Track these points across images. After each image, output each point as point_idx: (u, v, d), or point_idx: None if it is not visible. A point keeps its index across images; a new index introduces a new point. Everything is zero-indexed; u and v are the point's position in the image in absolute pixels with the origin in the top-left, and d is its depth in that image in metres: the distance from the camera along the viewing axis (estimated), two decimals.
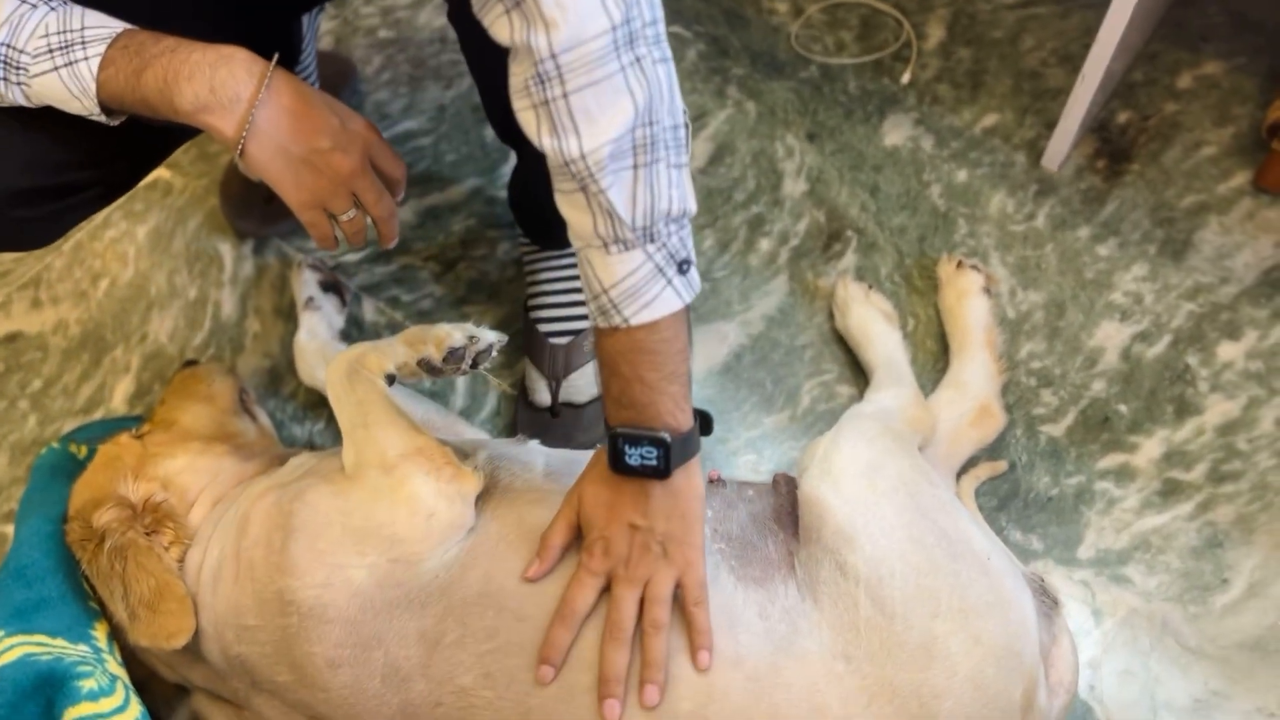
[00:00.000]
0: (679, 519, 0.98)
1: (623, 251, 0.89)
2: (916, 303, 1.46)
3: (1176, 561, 1.27)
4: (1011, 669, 0.99)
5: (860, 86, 1.65)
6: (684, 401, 0.96)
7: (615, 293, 0.91)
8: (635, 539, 0.98)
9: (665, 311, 0.92)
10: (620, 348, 0.94)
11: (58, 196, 1.06)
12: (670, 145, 0.88)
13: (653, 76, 0.84)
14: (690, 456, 0.98)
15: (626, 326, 0.92)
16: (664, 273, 0.91)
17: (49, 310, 1.57)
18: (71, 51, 0.92)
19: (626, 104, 0.83)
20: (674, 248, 0.91)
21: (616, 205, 0.87)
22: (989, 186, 1.54)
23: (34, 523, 1.18)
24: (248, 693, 1.10)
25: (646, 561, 0.97)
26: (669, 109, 0.87)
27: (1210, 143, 1.55)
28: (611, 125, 0.83)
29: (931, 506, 1.06)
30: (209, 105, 0.93)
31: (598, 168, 0.85)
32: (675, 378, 0.95)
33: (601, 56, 0.81)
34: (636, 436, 0.95)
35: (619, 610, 0.97)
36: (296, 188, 0.98)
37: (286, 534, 1.04)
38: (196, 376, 1.32)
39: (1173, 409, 1.36)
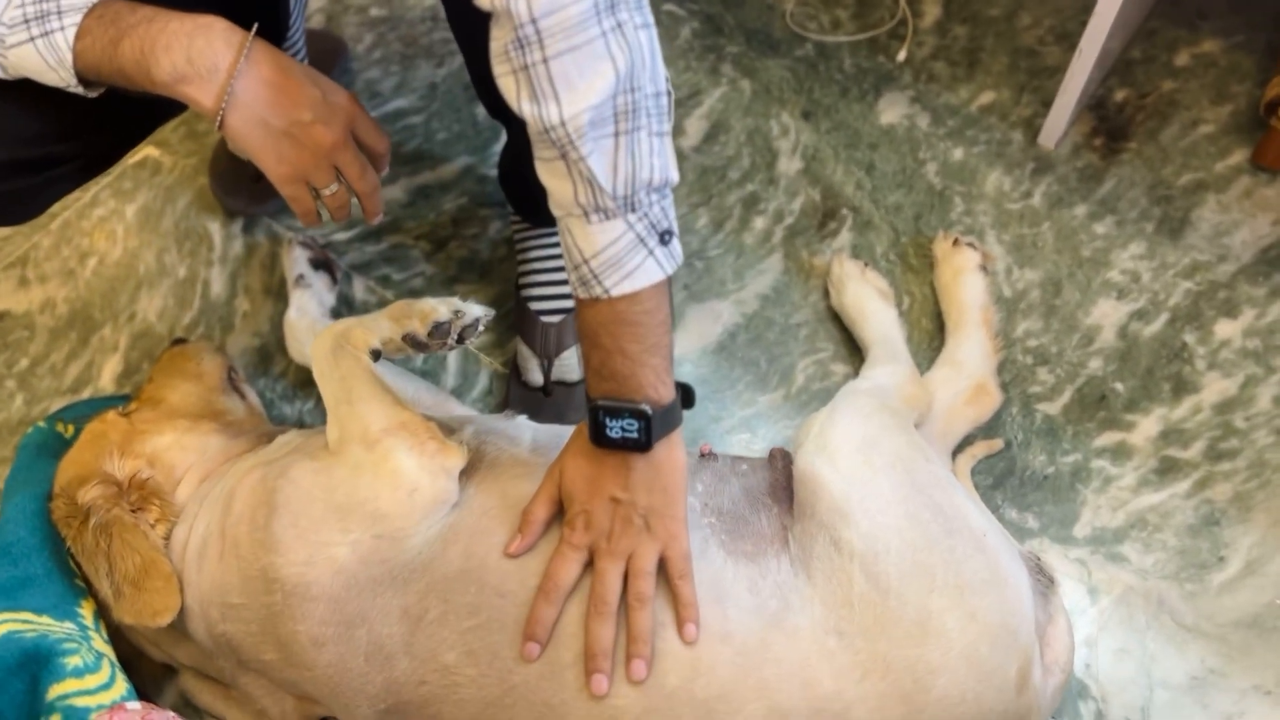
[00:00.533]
0: (661, 492, 0.97)
1: (603, 221, 0.88)
2: (912, 281, 1.45)
3: (1173, 539, 1.26)
4: (1007, 646, 0.99)
5: (856, 64, 1.64)
6: (665, 374, 0.94)
7: (596, 263, 0.89)
8: (617, 512, 0.97)
9: (646, 282, 0.90)
10: (601, 319, 0.92)
11: (36, 170, 1.04)
12: (652, 113, 0.86)
13: (634, 42, 0.83)
14: (672, 429, 0.96)
15: (608, 297, 0.91)
16: (645, 243, 0.90)
17: (36, 289, 1.55)
18: (47, 21, 0.91)
19: (607, 69, 0.81)
20: (655, 218, 0.90)
21: (597, 173, 0.85)
22: (985, 164, 1.53)
23: (19, 500, 1.17)
24: (234, 671, 1.09)
25: (629, 535, 0.96)
26: (651, 75, 0.85)
27: (1208, 120, 1.53)
28: (592, 91, 0.81)
29: (927, 483, 1.05)
30: (186, 75, 0.91)
31: (578, 135, 0.83)
32: (657, 350, 0.93)
33: (582, 21, 0.79)
34: (617, 409, 0.93)
35: (603, 584, 0.96)
36: (278, 161, 0.97)
37: (270, 511, 1.02)
38: (185, 355, 1.31)
39: (1170, 387, 1.35)
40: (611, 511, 0.97)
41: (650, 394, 0.93)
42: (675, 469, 0.97)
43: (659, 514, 0.97)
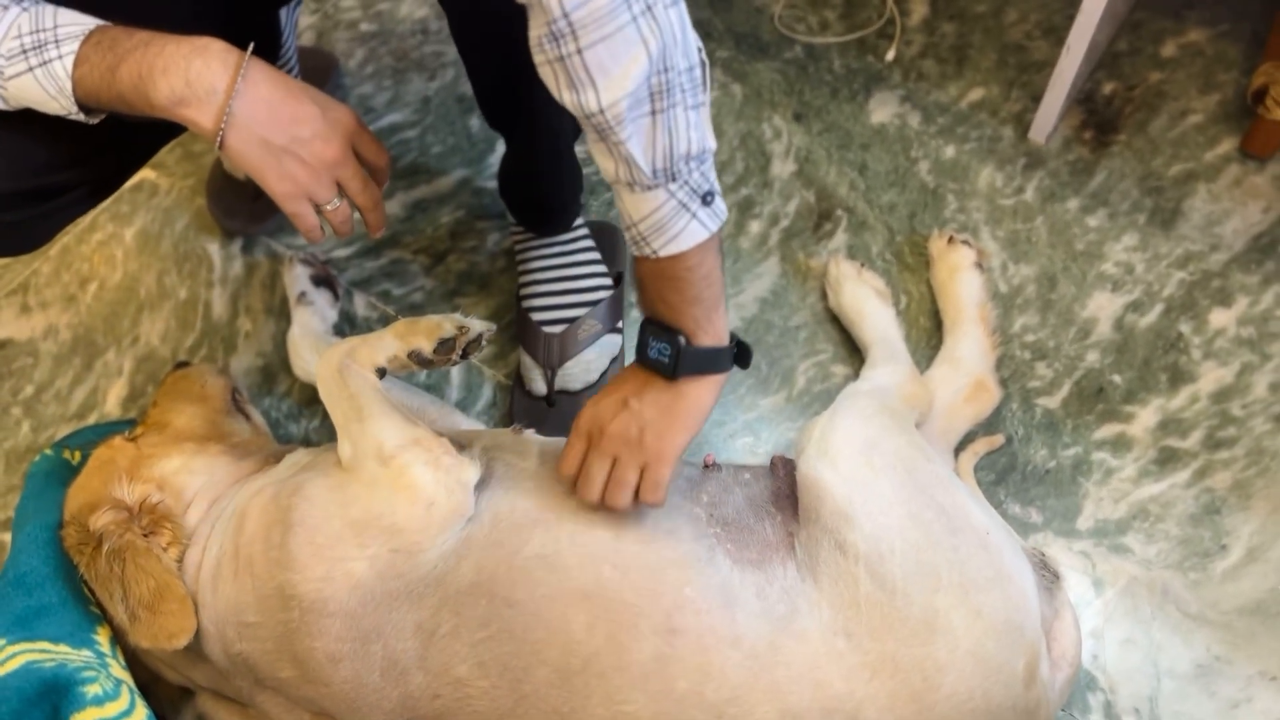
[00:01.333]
0: (668, 415, 1.00)
1: (645, 191, 0.92)
2: (909, 280, 1.46)
3: (1175, 529, 1.28)
4: (1013, 642, 1.00)
5: (845, 65, 1.65)
6: (705, 322, 0.99)
7: (644, 226, 0.94)
8: (621, 414, 1.01)
9: (691, 243, 0.95)
10: (649, 272, 0.98)
11: (43, 199, 1.05)
12: (686, 88, 0.88)
13: (665, 22, 0.84)
14: (704, 371, 1.00)
15: (655, 255, 0.95)
16: (688, 207, 0.93)
17: (38, 316, 1.56)
18: (45, 51, 0.91)
19: (640, 54, 0.83)
20: (696, 183, 0.93)
21: (635, 155, 0.89)
22: (977, 161, 1.54)
23: (30, 530, 1.17)
24: (251, 690, 1.10)
25: (620, 438, 1.00)
26: (683, 51, 0.87)
27: (1196, 110, 1.54)
28: (627, 78, 0.84)
29: (929, 482, 1.06)
30: (185, 98, 0.92)
31: (617, 121, 0.86)
32: (697, 301, 0.98)
33: (612, 10, 0.81)
34: (659, 331, 0.99)
35: (587, 478, 1.02)
36: (279, 178, 0.97)
37: (285, 529, 1.03)
38: (188, 378, 1.31)
39: (1167, 377, 1.37)
40: (616, 411, 1.01)
41: (687, 334, 0.99)
42: (695, 405, 1.01)
43: (656, 431, 1.00)
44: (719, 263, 0.99)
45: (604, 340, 1.41)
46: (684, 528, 1.04)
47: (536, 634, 0.99)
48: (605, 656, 0.97)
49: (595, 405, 1.04)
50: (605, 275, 1.43)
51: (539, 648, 0.99)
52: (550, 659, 0.98)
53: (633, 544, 1.01)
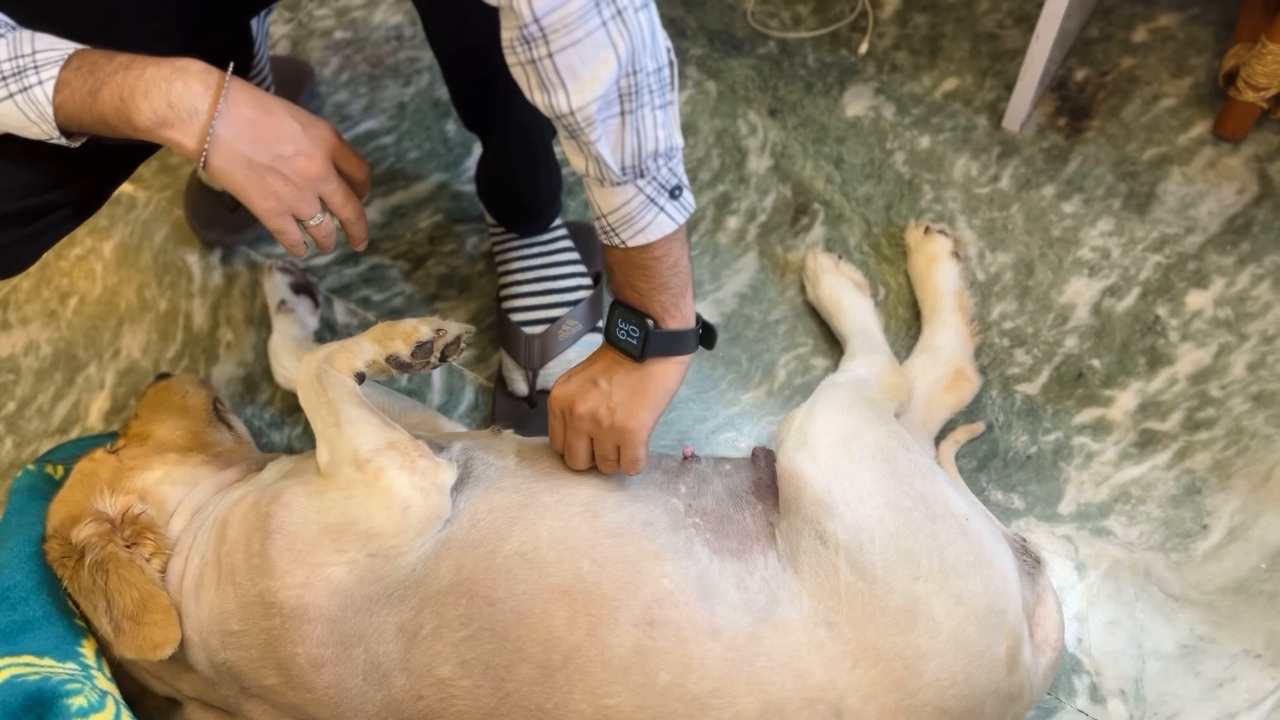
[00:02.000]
0: (637, 395, 1.04)
1: (614, 186, 0.94)
2: (886, 271, 1.47)
3: (1157, 511, 1.28)
4: (994, 627, 1.00)
5: (819, 59, 1.65)
6: (673, 308, 1.02)
7: (613, 218, 0.97)
8: (591, 393, 1.05)
9: (659, 234, 0.97)
10: (618, 260, 1.01)
11: (26, 221, 1.05)
12: (654, 89, 0.90)
13: (634, 26, 0.85)
14: (671, 353, 1.04)
15: (623, 245, 0.98)
16: (655, 201, 0.96)
17: (19, 331, 1.56)
18: (25, 77, 0.92)
19: (610, 58, 0.85)
20: (664, 178, 0.95)
21: (604, 154, 0.90)
22: (952, 151, 1.55)
23: (13, 544, 1.17)
24: (238, 699, 1.10)
25: (591, 417, 1.05)
26: (651, 53, 0.88)
27: (1168, 94, 1.55)
28: (597, 81, 0.85)
29: (908, 471, 1.06)
30: (168, 120, 0.92)
31: (587, 123, 0.88)
32: (664, 288, 1.01)
33: (582, 16, 0.82)
34: (628, 314, 1.03)
35: (572, 452, 1.07)
36: (263, 196, 0.98)
37: (265, 536, 1.03)
38: (169, 389, 1.32)
39: (1145, 360, 1.37)
40: (586, 389, 1.05)
41: (655, 318, 1.02)
42: (661, 384, 1.05)
43: (626, 410, 1.03)
44: (686, 251, 1.02)
45: (585, 340, 1.41)
46: (661, 519, 1.04)
47: (517, 631, 0.99)
48: (586, 651, 0.97)
49: (565, 383, 1.07)
50: (585, 275, 1.43)
51: (520, 645, 0.99)
52: (532, 656, 0.98)
53: (610, 538, 1.01)
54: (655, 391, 1.04)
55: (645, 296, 1.01)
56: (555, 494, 1.06)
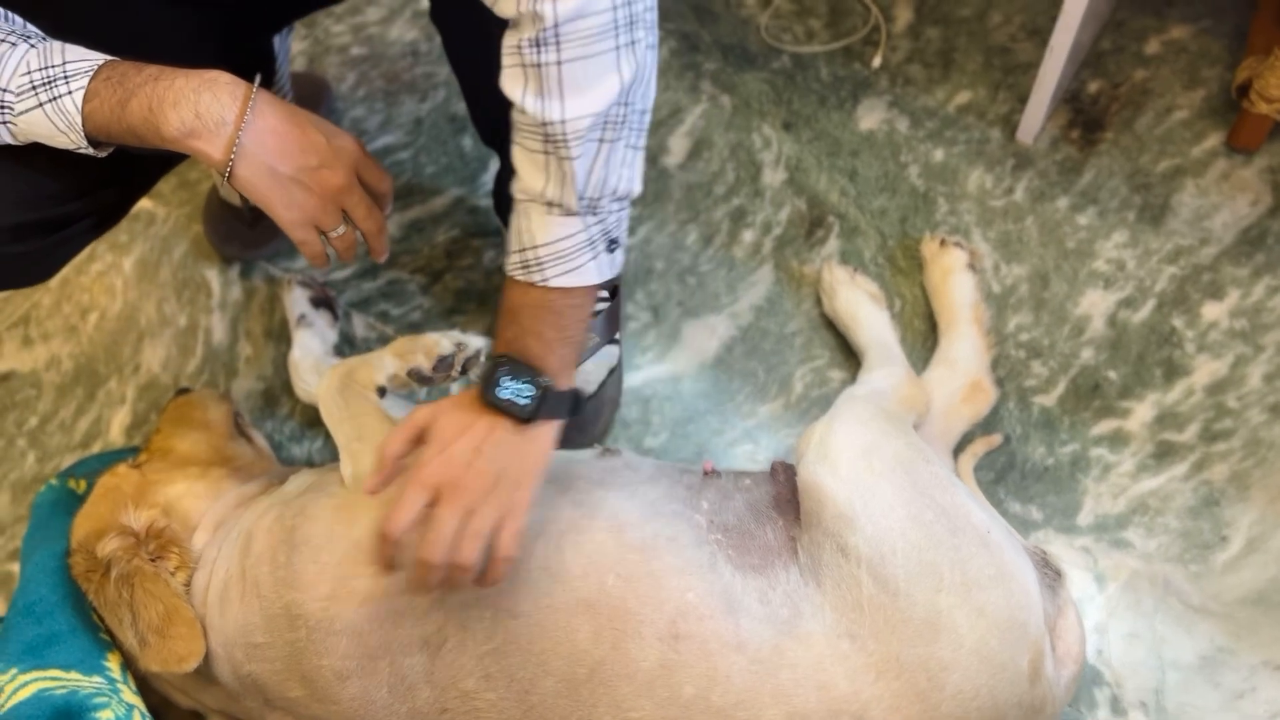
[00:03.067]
0: (521, 462, 0.97)
1: (563, 216, 0.92)
2: (902, 283, 1.47)
3: (1175, 522, 1.28)
4: (1017, 639, 1.00)
5: (832, 73, 1.66)
6: (570, 365, 0.99)
7: (544, 251, 0.94)
8: (474, 464, 0.95)
9: (584, 282, 0.96)
10: (529, 302, 0.96)
11: (49, 231, 1.06)
12: (634, 127, 0.91)
13: (641, 60, 0.87)
14: (558, 417, 0.99)
15: (544, 285, 0.95)
16: (594, 246, 0.95)
17: (40, 347, 1.58)
18: (55, 87, 0.93)
19: (614, 81, 0.85)
20: (610, 225, 0.95)
21: (577, 174, 0.89)
22: (966, 164, 1.56)
23: (38, 559, 1.18)
24: (262, 711, 1.11)
25: (476, 489, 0.94)
26: (644, 93, 0.90)
27: (1181, 106, 1.56)
28: (596, 100, 0.86)
29: (929, 484, 1.07)
30: (195, 130, 0.93)
31: (575, 137, 0.87)
32: (570, 342, 0.98)
33: (600, 32, 0.83)
34: (519, 370, 0.96)
35: (438, 530, 0.94)
36: (287, 207, 0.99)
37: (290, 549, 1.04)
38: (190, 403, 1.33)
39: (1161, 372, 1.37)
40: (469, 461, 0.95)
41: (552, 375, 0.97)
42: (544, 451, 0.99)
43: (512, 481, 0.96)
44: (591, 311, 1.00)
45: (601, 352, 1.42)
46: (685, 534, 1.04)
47: (542, 645, 0.99)
48: (611, 665, 0.98)
49: (445, 454, 0.96)
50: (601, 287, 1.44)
51: (545, 658, 0.99)
52: (556, 669, 0.99)
53: (635, 553, 1.02)
54: (539, 457, 0.98)
55: (548, 346, 0.96)
56: (579, 509, 1.06)
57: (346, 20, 1.82)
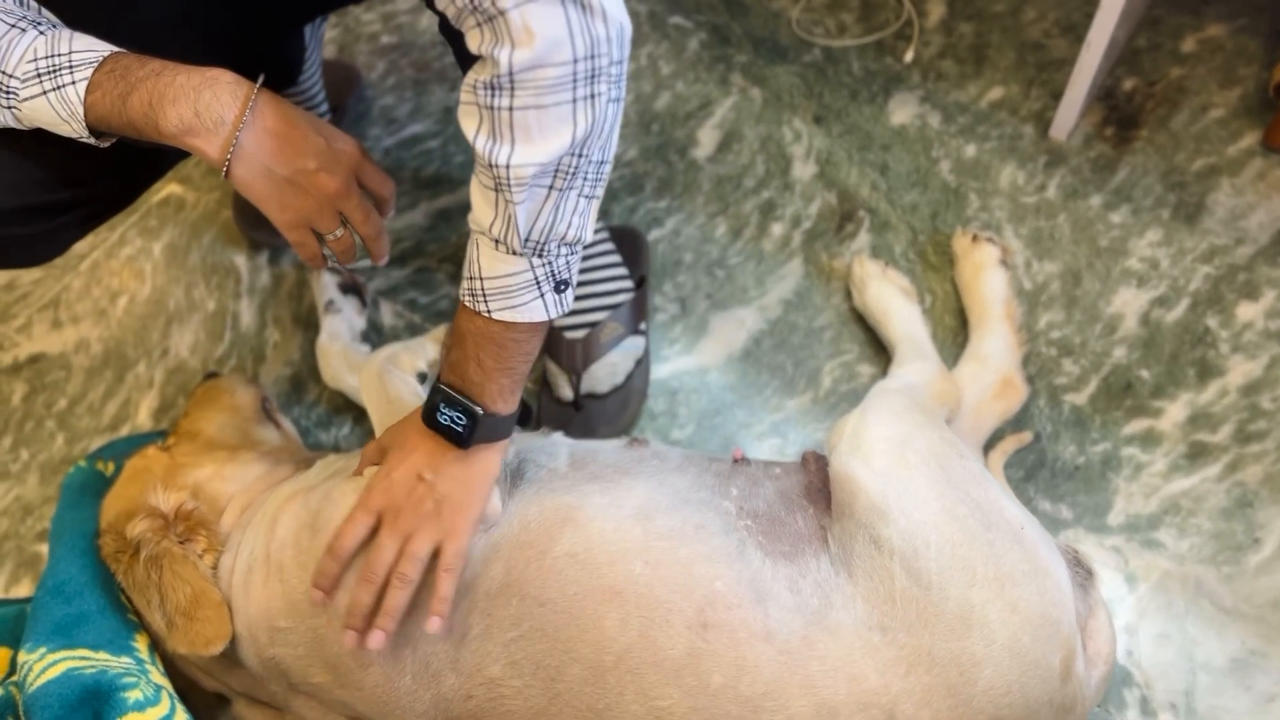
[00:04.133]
0: (463, 487, 1.01)
1: (508, 254, 0.92)
2: (932, 279, 1.46)
3: (1207, 523, 1.27)
4: (1049, 636, 0.99)
5: (864, 67, 1.65)
6: (510, 393, 1.00)
7: (489, 284, 0.94)
8: (416, 490, 1.01)
9: (528, 318, 0.96)
10: (473, 329, 0.98)
11: (49, 215, 1.07)
12: (589, 177, 0.90)
13: (600, 114, 0.86)
14: (497, 439, 1.02)
15: (487, 316, 0.96)
16: (539, 286, 0.95)
17: (70, 330, 1.58)
18: (59, 76, 0.93)
19: (566, 133, 0.85)
20: (558, 268, 0.95)
21: (519, 218, 0.89)
22: (998, 160, 1.54)
23: (68, 540, 1.19)
24: (286, 695, 1.11)
25: (417, 515, 1.00)
26: (602, 145, 0.89)
27: (1217, 105, 1.54)
28: (545, 149, 0.85)
29: (963, 478, 1.06)
30: (193, 128, 0.93)
31: (518, 183, 0.86)
32: (510, 372, 0.99)
33: (555, 84, 0.82)
34: (454, 399, 0.99)
35: (377, 555, 1.00)
36: (281, 208, 0.99)
37: (314, 533, 1.04)
38: (219, 388, 1.33)
39: (1195, 372, 1.36)
40: (411, 488, 1.01)
41: (488, 403, 0.99)
42: (485, 474, 1.02)
43: (453, 505, 1.00)
44: (539, 345, 1.01)
45: (627, 343, 1.42)
46: (713, 522, 1.04)
47: (569, 632, 0.99)
48: (638, 652, 0.97)
49: (387, 480, 1.02)
50: (626, 278, 1.44)
51: (571, 645, 0.99)
52: (583, 656, 0.99)
53: (662, 540, 1.01)
54: (481, 481, 1.02)
55: (487, 374, 0.99)
56: (606, 496, 1.06)
57: (377, 9, 1.82)
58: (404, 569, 0.99)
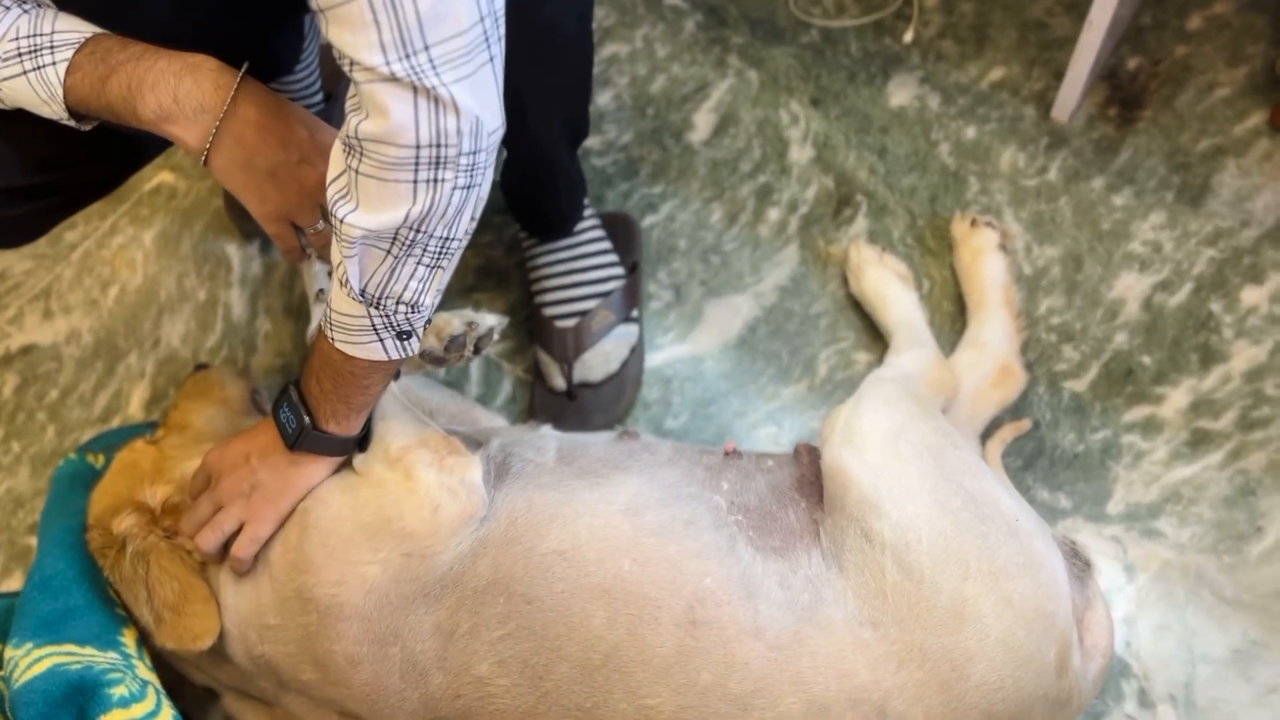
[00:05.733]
0: (281, 483, 1.04)
1: (350, 296, 0.91)
2: (931, 264, 1.44)
3: (1209, 512, 1.25)
4: (1044, 630, 0.98)
5: (862, 48, 1.62)
6: (343, 418, 1.02)
7: (335, 316, 0.95)
8: (240, 468, 1.06)
9: (366, 356, 0.96)
10: (321, 349, 0.99)
11: (30, 197, 1.06)
12: (432, 250, 0.89)
13: (441, 198, 0.84)
14: (324, 454, 1.04)
15: (331, 342, 0.96)
16: (379, 332, 0.95)
17: (61, 320, 1.57)
18: (40, 56, 0.92)
19: (401, 209, 0.84)
20: (398, 321, 0.94)
21: (351, 272, 0.89)
22: (999, 142, 1.52)
23: (55, 533, 1.18)
24: (276, 691, 1.11)
25: (232, 490, 1.05)
26: (446, 225, 0.87)
27: (1223, 84, 1.51)
28: (378, 218, 0.84)
29: (956, 469, 1.04)
30: (172, 115, 0.92)
31: (347, 240, 0.86)
32: (344, 399, 1.00)
33: (396, 163, 0.81)
34: (293, 403, 1.02)
35: (190, 514, 1.08)
36: (260, 200, 0.98)
37: (301, 532, 1.03)
38: (208, 379, 1.32)
39: (1198, 357, 1.34)
40: (236, 464, 1.06)
41: (319, 420, 1.02)
42: (305, 478, 1.05)
43: (264, 495, 1.04)
44: (386, 382, 1.02)
45: (619, 330, 1.40)
46: (703, 517, 1.02)
47: (556, 630, 0.98)
48: (626, 650, 0.96)
49: (223, 450, 1.08)
50: (617, 265, 1.42)
51: (559, 644, 0.98)
52: (571, 655, 0.97)
53: (652, 537, 1.00)
54: (299, 484, 1.04)
55: (324, 394, 1.00)
56: (595, 491, 1.04)
57: None
58: (203, 538, 1.05)
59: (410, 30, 0.77)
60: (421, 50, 0.77)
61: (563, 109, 1.20)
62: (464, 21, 0.78)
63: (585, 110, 1.27)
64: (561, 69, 1.13)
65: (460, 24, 0.78)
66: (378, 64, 0.77)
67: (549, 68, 1.09)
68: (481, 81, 0.82)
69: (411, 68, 0.77)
